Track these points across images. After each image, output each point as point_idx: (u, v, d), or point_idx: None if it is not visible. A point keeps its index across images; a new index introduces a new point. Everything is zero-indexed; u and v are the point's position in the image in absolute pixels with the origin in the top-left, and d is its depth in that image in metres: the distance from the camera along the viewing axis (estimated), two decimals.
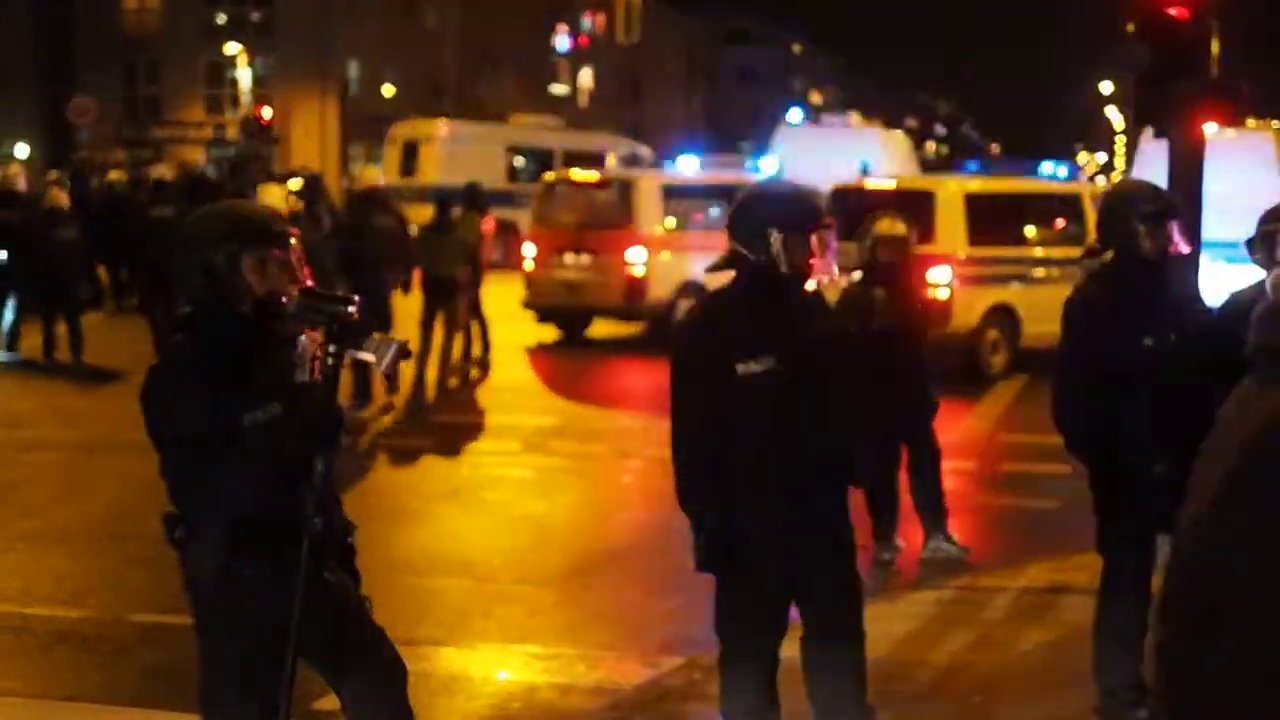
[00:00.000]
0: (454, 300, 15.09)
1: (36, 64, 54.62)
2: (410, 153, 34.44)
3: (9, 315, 17.38)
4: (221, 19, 56.03)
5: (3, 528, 9.21)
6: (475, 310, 16.14)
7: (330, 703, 4.67)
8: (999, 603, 7.61)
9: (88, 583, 8.11)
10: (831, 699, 4.84)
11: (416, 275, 15.26)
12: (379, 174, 18.73)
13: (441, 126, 35.83)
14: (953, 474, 11.19)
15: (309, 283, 4.12)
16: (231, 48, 52.57)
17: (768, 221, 4.64)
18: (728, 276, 4.83)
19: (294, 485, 3.97)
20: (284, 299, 4.06)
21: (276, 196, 16.73)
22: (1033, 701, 6.06)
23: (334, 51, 54.60)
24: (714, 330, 4.71)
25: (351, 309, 4.00)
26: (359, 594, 4.30)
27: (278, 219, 4.24)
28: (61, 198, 17.83)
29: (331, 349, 3.97)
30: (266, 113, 49.41)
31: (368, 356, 4.04)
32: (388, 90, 56.03)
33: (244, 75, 52.83)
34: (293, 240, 4.14)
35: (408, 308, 15.50)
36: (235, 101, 53.58)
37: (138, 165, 32.18)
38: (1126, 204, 5.73)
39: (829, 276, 4.71)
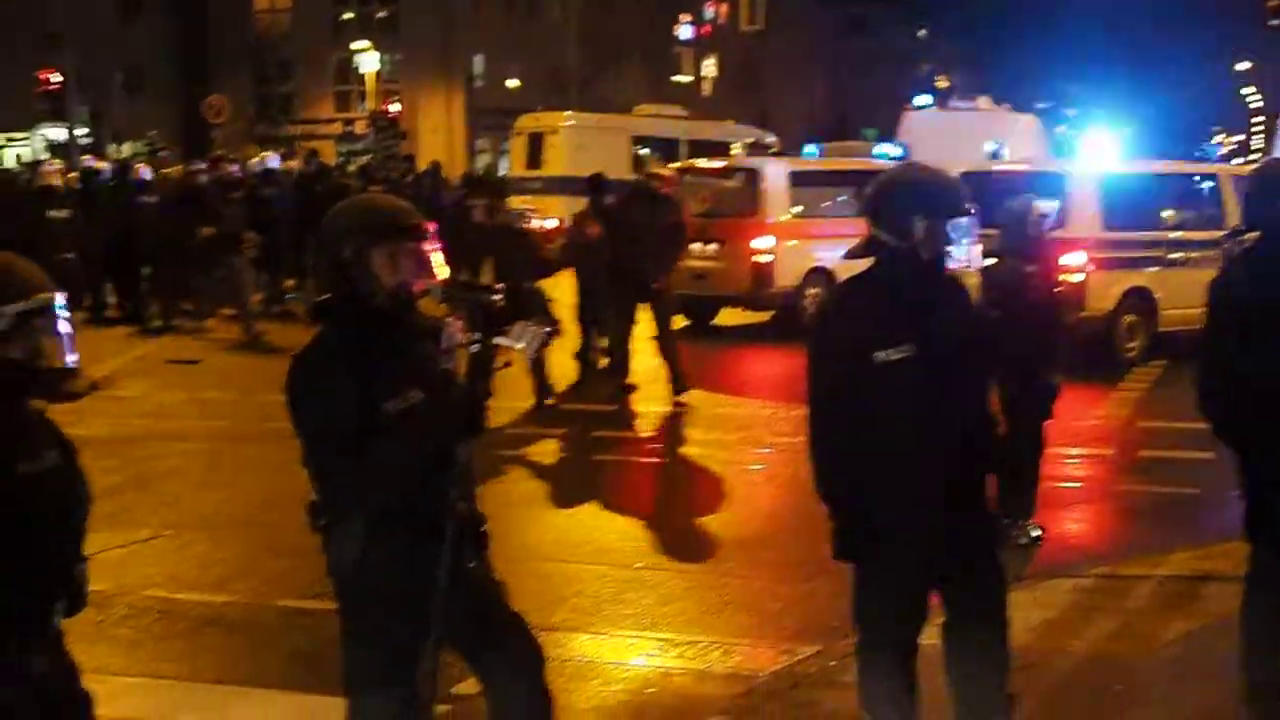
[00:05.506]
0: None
1: (172, 65, 56.02)
2: (535, 145, 34.66)
3: None
4: (349, 16, 57.01)
5: (149, 516, 9.44)
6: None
7: (470, 686, 4.72)
8: (1140, 591, 7.48)
9: (233, 569, 8.28)
10: (973, 687, 4.79)
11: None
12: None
13: (566, 119, 36.01)
14: (1091, 460, 11.05)
15: (448, 272, 4.16)
16: (359, 44, 53.42)
17: (913, 208, 4.59)
18: (865, 263, 4.79)
19: (435, 472, 4.02)
20: (416, 289, 4.12)
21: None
22: (1176, 692, 5.95)
23: (459, 46, 55.20)
24: (852, 317, 4.65)
25: (496, 296, 4.03)
26: (496, 579, 4.34)
27: (410, 212, 4.26)
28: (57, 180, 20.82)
29: (476, 336, 4.01)
30: (394, 108, 50.13)
31: (512, 343, 4.06)
32: (512, 84, 56.47)
33: (371, 71, 53.62)
34: (428, 231, 4.18)
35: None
36: (363, 97, 54.40)
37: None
38: (1275, 184, 5.59)
39: (970, 263, 4.65)
